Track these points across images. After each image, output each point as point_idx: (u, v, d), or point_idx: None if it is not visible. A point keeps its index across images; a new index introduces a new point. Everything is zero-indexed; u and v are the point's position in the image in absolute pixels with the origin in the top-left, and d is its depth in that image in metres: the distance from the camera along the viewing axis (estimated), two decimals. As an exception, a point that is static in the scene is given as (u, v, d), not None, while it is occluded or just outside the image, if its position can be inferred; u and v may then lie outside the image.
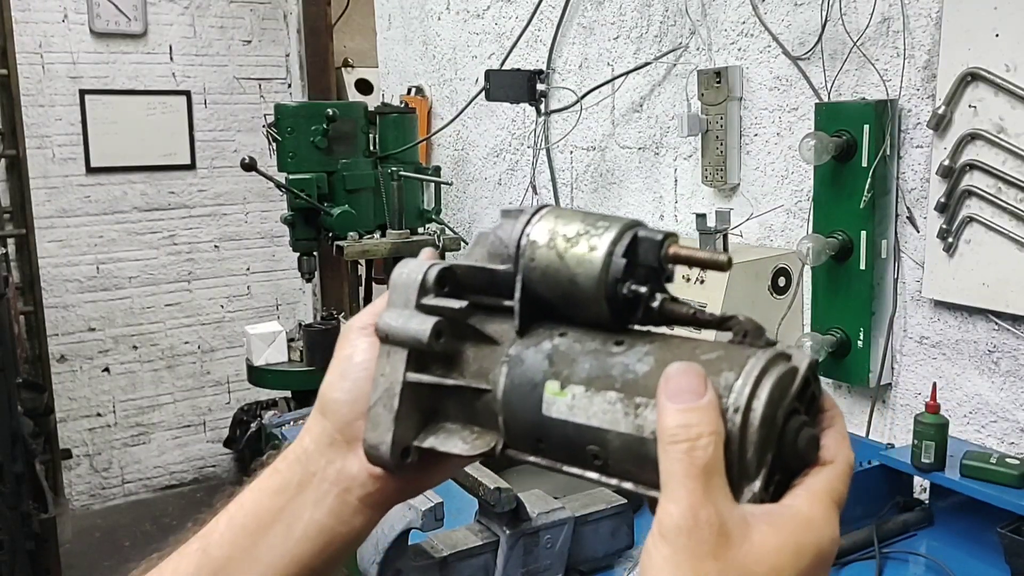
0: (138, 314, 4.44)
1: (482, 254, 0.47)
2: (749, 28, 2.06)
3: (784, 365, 0.40)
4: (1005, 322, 1.64)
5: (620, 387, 0.41)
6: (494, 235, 0.47)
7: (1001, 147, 1.58)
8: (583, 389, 0.42)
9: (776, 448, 0.39)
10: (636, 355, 0.42)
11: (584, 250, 0.43)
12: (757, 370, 0.39)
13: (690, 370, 0.38)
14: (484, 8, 2.95)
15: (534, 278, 0.45)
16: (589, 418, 0.42)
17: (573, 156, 2.68)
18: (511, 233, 0.46)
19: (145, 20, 4.27)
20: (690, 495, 0.36)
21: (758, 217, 2.07)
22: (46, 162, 4.14)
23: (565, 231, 0.44)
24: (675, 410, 0.38)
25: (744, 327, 0.42)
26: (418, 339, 0.46)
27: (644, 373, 0.41)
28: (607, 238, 0.43)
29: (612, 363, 0.43)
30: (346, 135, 2.81)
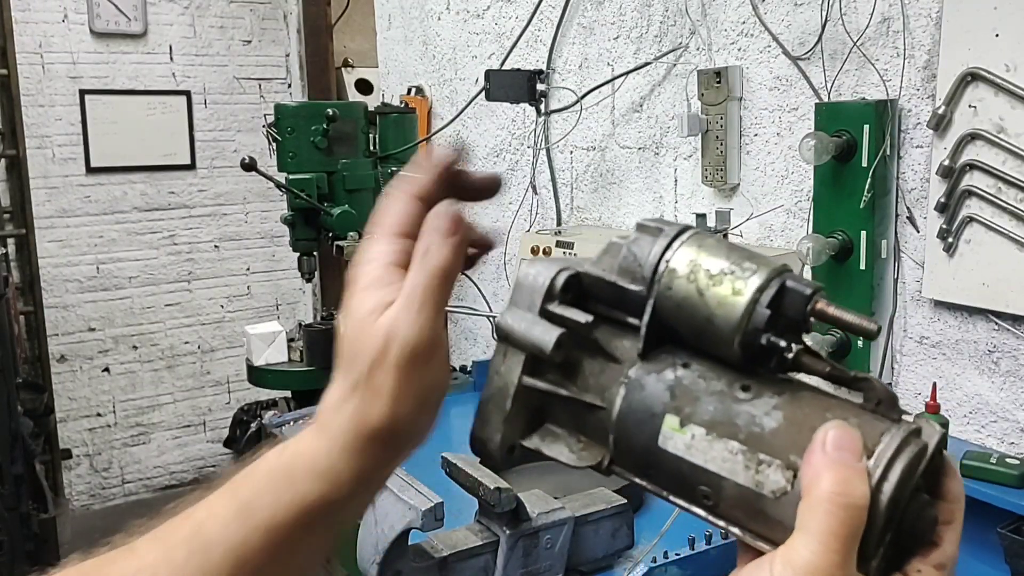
0: (138, 314, 4.44)
1: (611, 265, 0.45)
2: (749, 28, 2.06)
3: (915, 445, 0.39)
4: (1005, 322, 1.64)
5: (744, 439, 0.41)
6: (627, 249, 0.45)
7: (1001, 147, 1.58)
8: (704, 432, 0.41)
9: (896, 527, 0.39)
10: (764, 406, 0.41)
11: (727, 291, 0.41)
12: (891, 451, 0.39)
13: (852, 431, 0.38)
14: (484, 8, 2.95)
15: (667, 307, 0.43)
16: (707, 462, 0.41)
17: (573, 156, 2.68)
18: (648, 254, 0.44)
19: (145, 20, 4.27)
20: (834, 554, 0.36)
21: (758, 217, 2.07)
22: (46, 162, 4.14)
23: (708, 266, 0.42)
24: (839, 467, 0.37)
25: (878, 394, 0.41)
26: (540, 348, 0.44)
27: (771, 430, 0.40)
28: (753, 283, 0.41)
29: (738, 411, 0.41)
30: (346, 135, 2.81)
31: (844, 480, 0.36)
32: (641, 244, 0.44)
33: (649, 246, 0.44)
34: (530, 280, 0.46)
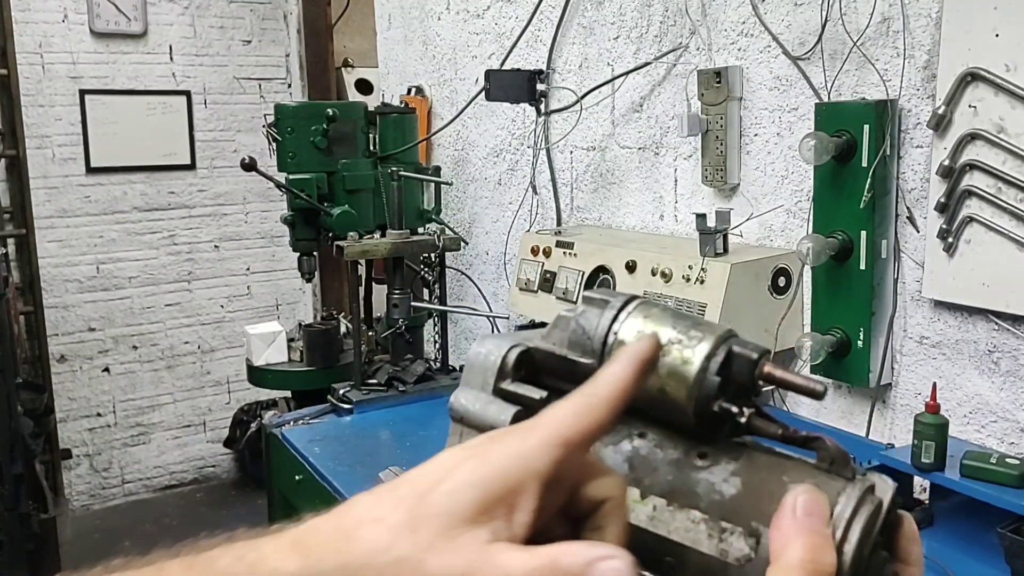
0: (138, 314, 4.44)
1: (561, 339, 0.45)
2: (749, 28, 2.06)
3: (871, 503, 0.40)
4: (1005, 322, 1.64)
5: (705, 507, 0.41)
6: (576, 323, 0.45)
7: (1001, 147, 1.58)
8: (664, 502, 0.42)
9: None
10: (722, 473, 0.42)
11: (676, 361, 0.42)
12: (848, 511, 0.39)
13: (821, 497, 0.38)
14: (484, 8, 2.95)
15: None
16: (670, 532, 0.41)
17: (573, 156, 2.68)
18: (596, 326, 0.44)
19: (145, 20, 4.27)
20: None
21: (758, 217, 2.07)
22: (46, 162, 4.14)
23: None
24: (809, 534, 0.37)
25: (831, 454, 0.41)
26: (495, 428, 0.44)
27: (731, 496, 0.41)
28: (701, 351, 0.42)
29: (697, 479, 0.42)
30: (346, 135, 2.81)
31: (814, 547, 0.37)
32: (588, 317, 0.45)
33: (596, 318, 0.44)
34: (481, 359, 0.45)
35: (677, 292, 1.96)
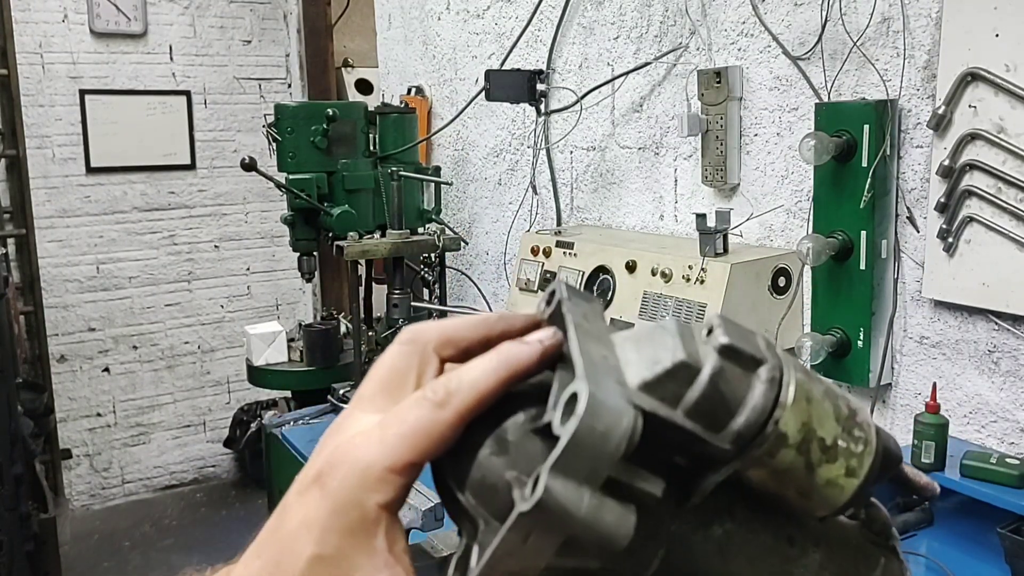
0: (138, 314, 4.44)
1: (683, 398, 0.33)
2: (749, 28, 2.06)
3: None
4: (1005, 322, 1.64)
5: None
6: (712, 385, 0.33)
7: (1001, 147, 1.58)
8: None
9: None
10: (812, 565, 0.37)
11: (839, 472, 0.35)
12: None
13: None
14: (484, 8, 2.95)
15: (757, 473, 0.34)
16: None
17: (573, 156, 2.68)
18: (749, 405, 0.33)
19: (145, 20, 4.27)
20: None
21: (758, 217, 2.07)
22: (46, 162, 4.14)
23: (823, 434, 0.34)
24: None
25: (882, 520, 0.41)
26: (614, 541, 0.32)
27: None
28: (867, 462, 0.35)
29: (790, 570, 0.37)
30: (346, 135, 2.81)
31: None
32: (732, 382, 0.33)
33: (744, 388, 0.33)
34: (597, 437, 0.31)
35: (677, 292, 1.96)
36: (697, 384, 0.33)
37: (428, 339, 0.39)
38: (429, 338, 0.39)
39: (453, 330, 0.40)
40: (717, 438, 0.33)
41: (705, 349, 0.34)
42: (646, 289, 2.04)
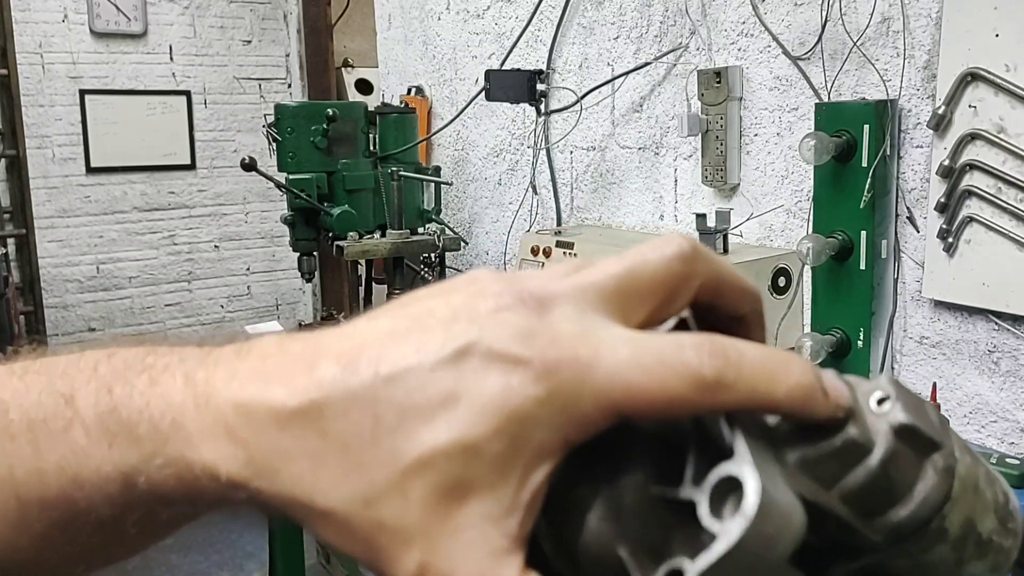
0: (138, 314, 4.44)
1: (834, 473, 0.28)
2: (749, 28, 2.06)
3: None
4: (1005, 322, 1.64)
5: None
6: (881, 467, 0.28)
7: (1001, 147, 1.58)
8: None
9: None
10: None
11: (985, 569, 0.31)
12: None
13: None
14: (484, 8, 2.95)
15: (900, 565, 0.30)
16: None
17: (573, 156, 2.68)
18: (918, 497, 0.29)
19: (145, 20, 4.27)
20: None
21: (758, 217, 2.07)
22: (46, 162, 4.14)
23: (982, 528, 0.30)
24: None
25: None
26: None
27: None
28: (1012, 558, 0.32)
29: None
30: (346, 135, 2.81)
31: None
32: (903, 468, 0.29)
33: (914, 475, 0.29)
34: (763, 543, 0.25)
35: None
36: (864, 468, 0.28)
37: (698, 272, 0.30)
38: (700, 272, 0.30)
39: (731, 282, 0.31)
40: (870, 527, 0.29)
41: (875, 422, 0.29)
42: (646, 289, 2.04)
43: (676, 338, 0.27)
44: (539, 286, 0.28)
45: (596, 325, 0.27)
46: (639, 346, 0.26)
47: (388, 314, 0.29)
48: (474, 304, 0.28)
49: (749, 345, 0.27)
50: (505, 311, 0.27)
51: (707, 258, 0.30)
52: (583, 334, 0.27)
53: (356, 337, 0.28)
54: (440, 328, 0.27)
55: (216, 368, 0.29)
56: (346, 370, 0.27)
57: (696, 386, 0.26)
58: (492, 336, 0.26)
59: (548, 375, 0.26)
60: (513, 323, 0.27)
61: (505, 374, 0.26)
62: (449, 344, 0.26)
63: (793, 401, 0.27)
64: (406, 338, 0.27)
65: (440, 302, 0.28)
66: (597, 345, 0.26)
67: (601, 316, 0.28)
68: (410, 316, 0.28)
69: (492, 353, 0.26)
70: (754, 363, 0.27)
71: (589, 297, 0.28)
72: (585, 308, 0.28)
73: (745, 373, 0.26)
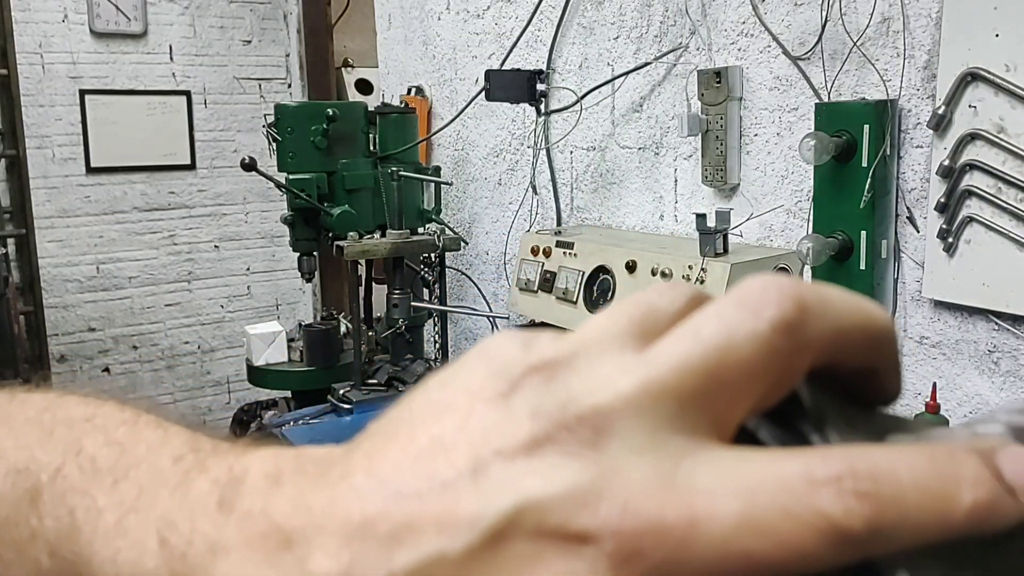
0: (138, 314, 4.44)
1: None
2: (749, 28, 2.06)
3: None
4: (1005, 322, 1.64)
5: None
6: None
7: (1001, 147, 1.58)
8: None
9: None
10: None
11: None
12: None
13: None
14: (484, 8, 2.95)
15: None
16: None
17: (573, 156, 2.68)
18: None
19: (145, 20, 4.27)
20: None
21: (758, 217, 2.07)
22: (46, 162, 4.14)
23: None
24: None
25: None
26: None
27: None
28: None
29: None
30: (346, 135, 2.81)
31: None
32: None
33: None
34: None
35: (677, 292, 1.96)
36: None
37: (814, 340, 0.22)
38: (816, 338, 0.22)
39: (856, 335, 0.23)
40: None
41: None
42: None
43: (804, 469, 0.19)
44: (590, 393, 0.20)
45: (682, 458, 0.20)
46: (752, 492, 0.19)
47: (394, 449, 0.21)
48: (500, 431, 0.20)
49: (901, 457, 0.20)
50: (548, 448, 0.19)
51: (821, 315, 0.21)
52: (668, 480, 0.19)
53: (356, 503, 0.20)
54: (463, 488, 0.19)
55: (196, 523, 0.23)
56: (350, 572, 0.19)
57: (841, 543, 0.19)
58: (536, 501, 0.19)
59: (629, 559, 0.18)
60: (564, 472, 0.19)
61: (566, 561, 0.18)
62: (481, 521, 0.19)
63: (975, 524, 0.20)
64: (420, 507, 0.20)
65: (454, 425, 0.21)
66: (691, 499, 0.19)
67: (686, 437, 0.20)
68: (420, 458, 0.20)
69: (542, 530, 0.19)
70: (916, 490, 0.19)
71: (666, 407, 0.20)
72: (663, 426, 0.20)
73: (908, 510, 0.19)
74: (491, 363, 0.21)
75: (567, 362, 0.21)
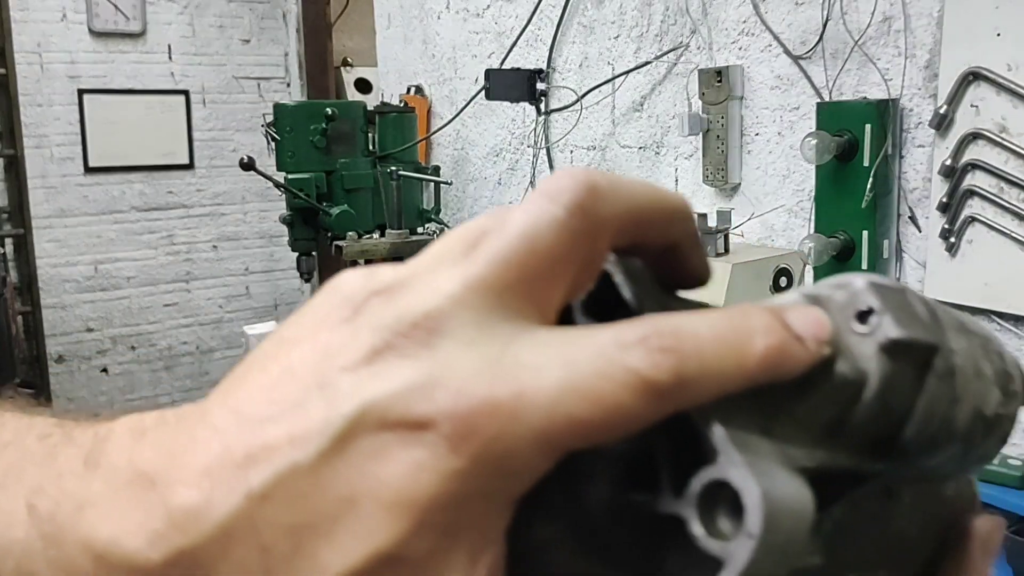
0: (136, 314, 4.43)
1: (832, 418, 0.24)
2: (750, 27, 2.06)
3: None
4: (1007, 322, 1.63)
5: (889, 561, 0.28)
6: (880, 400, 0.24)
7: (1003, 147, 1.57)
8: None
9: None
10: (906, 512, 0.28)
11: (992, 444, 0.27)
12: None
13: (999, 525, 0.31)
14: (484, 7, 2.95)
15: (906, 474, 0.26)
16: None
17: (573, 156, 2.68)
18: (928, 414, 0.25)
19: (144, 19, 4.26)
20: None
21: (759, 217, 2.07)
22: (44, 162, 4.13)
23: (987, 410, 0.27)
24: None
25: None
26: None
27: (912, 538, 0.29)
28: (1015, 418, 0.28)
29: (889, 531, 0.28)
30: (345, 134, 2.80)
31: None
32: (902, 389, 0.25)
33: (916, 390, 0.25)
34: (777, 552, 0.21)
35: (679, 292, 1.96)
36: (862, 406, 0.24)
37: (608, 219, 0.23)
38: (609, 217, 0.23)
39: (650, 212, 0.25)
40: (875, 458, 0.25)
41: (860, 344, 0.24)
42: (646, 289, 2.03)
43: (614, 335, 0.21)
44: (421, 302, 0.22)
45: (508, 342, 0.21)
46: (570, 361, 0.21)
47: (247, 384, 0.22)
48: (344, 350, 0.21)
49: (699, 317, 0.22)
50: (387, 355, 0.21)
51: (612, 196, 0.23)
52: (496, 362, 0.21)
53: (214, 437, 0.21)
54: (311, 403, 0.21)
55: (63, 484, 0.23)
56: (211, 498, 0.20)
57: (652, 396, 0.20)
58: (377, 400, 0.20)
59: (465, 437, 0.20)
60: (399, 373, 0.21)
61: (408, 449, 0.20)
62: (329, 428, 0.20)
63: (768, 368, 0.22)
64: (273, 428, 0.21)
65: (303, 353, 0.22)
66: (517, 375, 0.21)
67: (509, 323, 0.22)
68: (272, 387, 0.22)
69: (384, 423, 0.20)
70: (714, 341, 0.21)
71: (488, 300, 0.22)
72: (487, 317, 0.22)
73: (707, 359, 0.21)
74: (336, 294, 0.23)
75: (405, 282, 0.23)
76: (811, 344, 0.23)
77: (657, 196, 0.25)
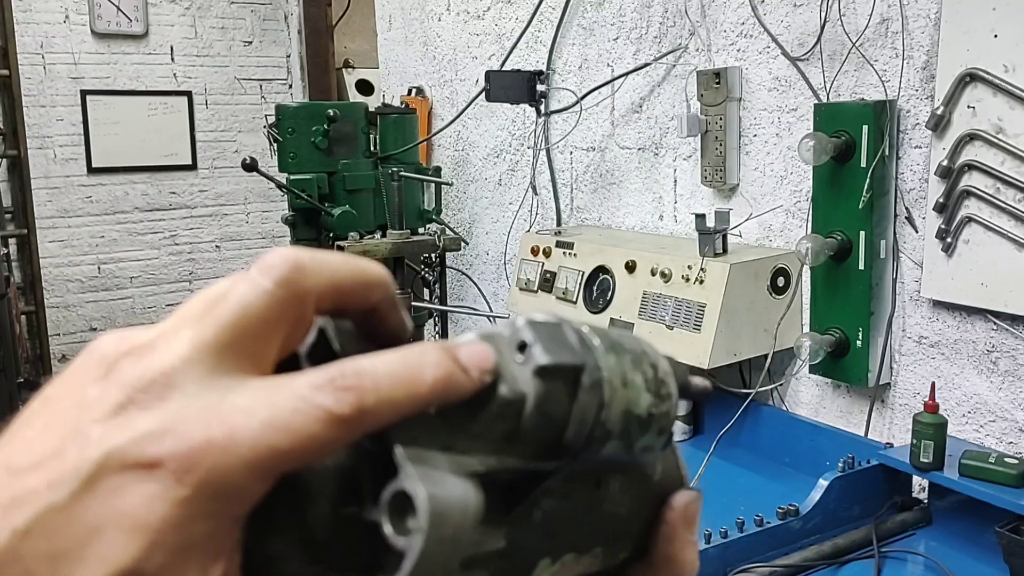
0: (139, 314, 4.44)
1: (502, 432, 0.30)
2: (748, 29, 2.07)
3: None
4: (1004, 322, 1.64)
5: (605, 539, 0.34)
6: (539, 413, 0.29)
7: (1000, 147, 1.58)
8: (574, 556, 0.34)
9: None
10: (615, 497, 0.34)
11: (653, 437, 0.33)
12: None
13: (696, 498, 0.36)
14: (484, 9, 2.96)
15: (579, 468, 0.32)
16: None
17: (573, 156, 2.69)
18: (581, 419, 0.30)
19: (146, 21, 4.28)
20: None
21: (757, 217, 2.08)
22: (47, 162, 4.14)
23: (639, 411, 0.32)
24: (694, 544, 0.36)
25: None
26: None
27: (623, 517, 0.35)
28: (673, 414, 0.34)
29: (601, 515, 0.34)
30: (347, 136, 2.81)
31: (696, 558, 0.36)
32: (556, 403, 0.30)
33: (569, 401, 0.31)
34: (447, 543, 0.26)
35: (677, 292, 1.97)
36: (525, 419, 0.30)
37: (310, 289, 0.28)
38: (312, 288, 0.28)
39: (349, 283, 0.30)
40: (545, 460, 0.31)
41: (520, 371, 0.30)
42: (646, 289, 2.04)
43: (308, 379, 0.26)
44: (159, 362, 0.26)
45: (225, 392, 0.26)
46: (274, 403, 0.25)
47: (16, 439, 0.26)
48: (96, 404, 0.26)
49: (380, 358, 0.27)
50: (130, 409, 0.26)
51: (314, 270, 0.28)
52: (214, 409, 0.25)
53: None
54: (66, 451, 0.25)
55: None
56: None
57: (338, 425, 0.25)
58: (119, 447, 0.25)
59: (188, 470, 0.24)
60: (137, 423, 0.25)
61: (143, 484, 0.24)
62: (79, 472, 0.25)
63: (438, 394, 0.27)
64: (35, 475, 0.25)
65: (64, 408, 0.26)
66: (230, 416, 0.25)
67: (229, 377, 0.27)
68: (35, 440, 0.26)
69: (124, 465, 0.25)
70: (389, 376, 0.26)
71: (212, 358, 0.27)
72: (210, 373, 0.26)
73: (383, 391, 0.26)
74: (93, 355, 0.28)
75: (151, 343, 0.27)
76: (474, 373, 0.28)
77: (356, 269, 0.30)
